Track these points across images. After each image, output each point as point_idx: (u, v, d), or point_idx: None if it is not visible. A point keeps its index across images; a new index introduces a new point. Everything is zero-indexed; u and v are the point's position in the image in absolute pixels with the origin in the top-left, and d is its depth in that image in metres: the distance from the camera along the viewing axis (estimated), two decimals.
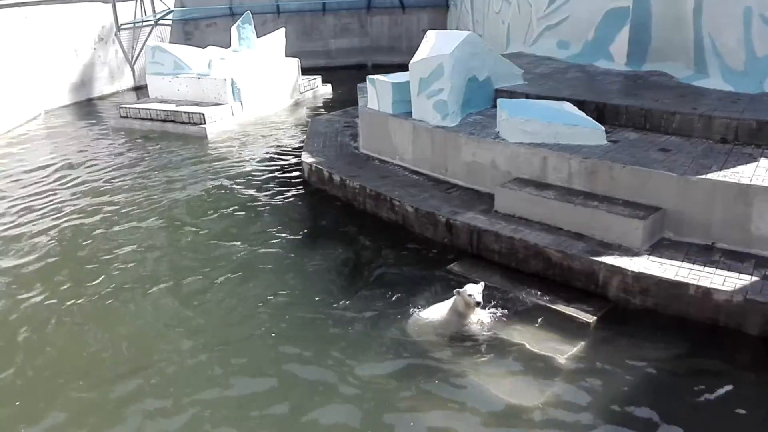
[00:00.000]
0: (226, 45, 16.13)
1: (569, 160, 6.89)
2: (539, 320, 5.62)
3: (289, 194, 9.40)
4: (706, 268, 5.60)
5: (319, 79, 17.41)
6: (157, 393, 4.99)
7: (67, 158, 11.93)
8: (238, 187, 9.81)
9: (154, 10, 20.47)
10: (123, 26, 19.15)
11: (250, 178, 10.27)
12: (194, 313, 6.14)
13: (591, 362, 5.09)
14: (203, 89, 14.28)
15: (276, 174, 10.42)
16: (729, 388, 4.75)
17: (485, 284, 5.69)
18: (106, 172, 10.83)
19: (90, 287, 6.69)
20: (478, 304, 5.41)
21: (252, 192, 9.55)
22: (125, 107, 14.48)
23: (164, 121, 13.82)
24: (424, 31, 9.47)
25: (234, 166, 10.96)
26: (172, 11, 20.96)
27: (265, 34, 16.70)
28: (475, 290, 5.45)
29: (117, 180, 10.38)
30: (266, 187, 9.74)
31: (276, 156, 11.57)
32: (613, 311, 5.72)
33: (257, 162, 11.24)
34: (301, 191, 9.50)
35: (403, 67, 9.13)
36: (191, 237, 7.97)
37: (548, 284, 6.15)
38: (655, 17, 9.59)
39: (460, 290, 5.52)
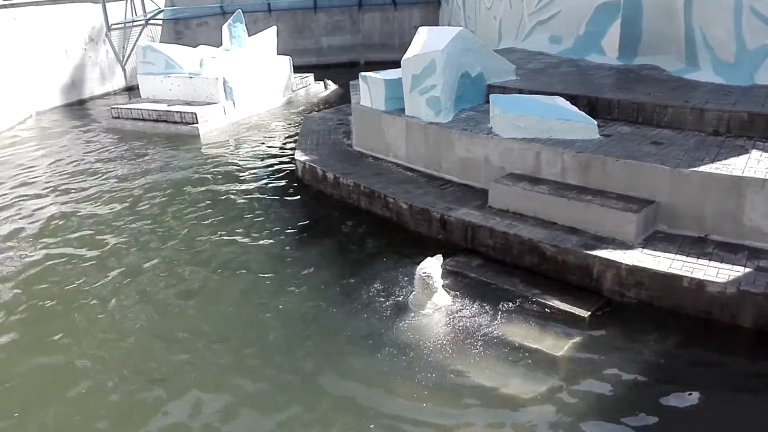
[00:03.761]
0: (218, 44, 16.05)
1: (562, 154, 6.90)
2: (534, 315, 5.63)
3: (283, 193, 9.37)
4: (700, 260, 5.62)
5: (311, 77, 17.36)
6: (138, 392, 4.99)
7: (58, 159, 11.86)
8: (231, 186, 9.77)
9: (144, 10, 20.35)
10: (113, 26, 19.02)
11: (243, 177, 10.23)
12: (188, 311, 6.12)
13: (585, 356, 5.11)
14: (195, 89, 14.22)
15: (269, 172, 10.40)
16: (723, 380, 4.78)
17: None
18: (98, 174, 10.77)
19: (81, 284, 6.66)
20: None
21: (245, 191, 9.52)
22: (117, 108, 14.41)
23: (156, 121, 13.75)
24: (416, 28, 9.42)
25: (226, 165, 10.92)
26: (163, 11, 20.84)
27: (256, 33, 16.62)
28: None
29: (109, 181, 10.32)
30: (259, 186, 9.72)
31: (269, 154, 11.54)
32: (607, 305, 5.74)
33: (250, 161, 11.21)
34: (295, 189, 9.47)
35: (396, 64, 9.10)
36: (183, 236, 7.93)
37: (542, 279, 6.16)
38: (646, 10, 9.62)
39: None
